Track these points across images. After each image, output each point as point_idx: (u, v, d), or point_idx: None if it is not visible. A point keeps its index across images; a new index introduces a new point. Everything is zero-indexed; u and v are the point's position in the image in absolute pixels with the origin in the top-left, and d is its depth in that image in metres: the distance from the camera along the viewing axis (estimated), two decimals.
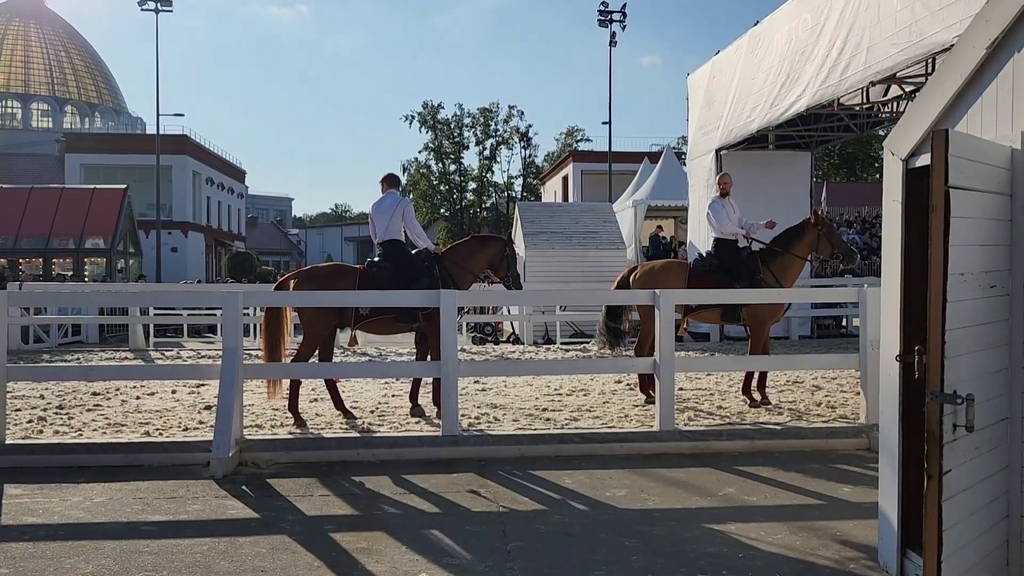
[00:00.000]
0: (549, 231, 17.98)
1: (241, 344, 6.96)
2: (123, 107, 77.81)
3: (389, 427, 7.60)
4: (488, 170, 60.32)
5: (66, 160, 45.33)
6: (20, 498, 5.49)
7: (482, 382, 10.41)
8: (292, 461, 6.51)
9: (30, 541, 4.62)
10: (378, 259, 8.29)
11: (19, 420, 7.81)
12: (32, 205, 27.83)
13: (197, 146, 48.50)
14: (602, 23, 37.22)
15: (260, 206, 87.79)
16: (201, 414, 8.33)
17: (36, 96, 70.72)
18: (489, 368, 10.83)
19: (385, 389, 10.03)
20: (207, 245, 49.49)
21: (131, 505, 5.35)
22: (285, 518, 5.12)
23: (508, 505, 5.40)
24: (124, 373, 9.63)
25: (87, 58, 76.32)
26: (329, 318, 7.87)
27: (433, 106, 58.46)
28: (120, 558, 4.37)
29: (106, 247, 27.63)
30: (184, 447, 6.59)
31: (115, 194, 28.99)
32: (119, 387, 10.03)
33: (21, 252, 27.15)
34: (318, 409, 8.50)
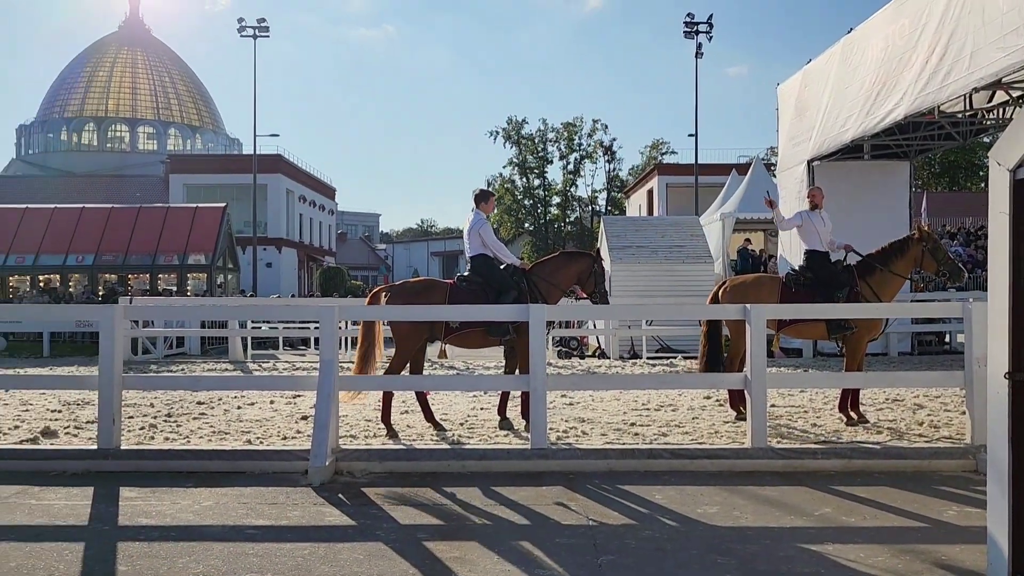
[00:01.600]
0: (635, 245, 17.87)
1: (337, 356, 7.19)
2: (222, 128, 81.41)
3: (478, 439, 7.71)
4: (572, 184, 60.38)
5: (170, 181, 47.67)
6: (135, 500, 5.81)
7: (570, 396, 10.43)
8: (385, 471, 6.67)
9: (145, 541, 4.89)
10: (467, 274, 8.47)
11: (132, 427, 8.27)
12: (140, 224, 29.39)
13: (290, 165, 50.25)
14: (688, 34, 36.86)
15: (349, 222, 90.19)
16: (298, 424, 8.63)
17: (143, 120, 74.73)
18: (577, 382, 10.83)
19: (474, 402, 10.16)
20: (299, 260, 51.13)
21: (236, 509, 5.60)
22: (380, 526, 5.26)
23: (598, 519, 5.40)
24: (228, 384, 10.05)
25: (189, 83, 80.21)
26: (420, 332, 8.06)
27: (517, 121, 59.00)
28: (228, 559, 4.58)
29: (207, 263, 28.89)
30: (283, 455, 6.84)
31: (215, 212, 30.34)
32: (221, 397, 10.48)
33: (130, 268, 28.67)
34: (409, 421, 8.69)
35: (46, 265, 28.52)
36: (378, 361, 8.39)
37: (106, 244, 28.65)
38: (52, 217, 29.56)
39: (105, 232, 28.89)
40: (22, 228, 29.06)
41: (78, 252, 28.52)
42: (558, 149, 59.85)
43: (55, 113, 74.68)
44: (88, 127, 73.83)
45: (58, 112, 74.56)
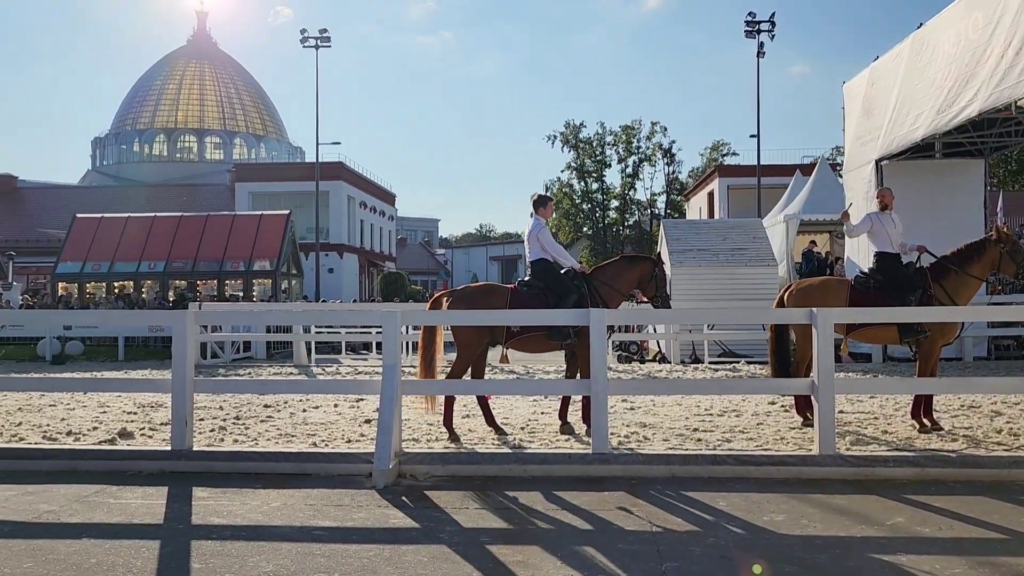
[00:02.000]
0: (695, 248, 17.67)
1: (400, 361, 7.28)
2: (285, 137, 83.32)
3: (539, 444, 7.71)
4: (631, 188, 60.06)
5: (236, 189, 48.94)
6: (206, 500, 5.97)
7: (630, 401, 10.36)
8: (447, 474, 6.72)
9: (217, 540, 5.02)
10: (528, 278, 8.49)
11: (203, 429, 8.50)
12: (208, 231, 30.31)
13: (351, 172, 51.10)
14: (749, 34, 36.32)
15: (408, 227, 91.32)
16: (362, 427, 8.76)
17: (210, 130, 77.00)
18: (638, 387, 10.75)
19: (534, 406, 10.17)
20: (360, 266, 51.94)
21: (303, 511, 5.70)
22: (443, 529, 5.30)
23: (661, 525, 5.35)
24: (294, 388, 10.27)
25: (253, 93, 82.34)
26: (482, 336, 8.11)
27: (575, 125, 58.97)
28: (296, 559, 4.67)
29: (271, 269, 29.61)
30: (348, 458, 6.95)
31: (279, 219, 31.08)
32: (287, 400, 10.70)
33: (198, 274, 29.56)
34: (470, 425, 8.74)
35: (120, 272, 29.61)
36: (440, 366, 8.46)
37: (176, 251, 29.62)
38: (126, 226, 30.68)
39: (175, 240, 29.88)
40: (98, 237, 30.24)
41: (150, 259, 29.54)
42: (616, 152, 59.65)
43: (128, 126, 77.46)
44: (159, 138, 76.38)
45: (130, 125, 77.32)
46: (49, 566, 4.55)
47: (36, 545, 4.92)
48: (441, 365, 8.52)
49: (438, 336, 8.27)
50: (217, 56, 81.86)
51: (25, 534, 5.15)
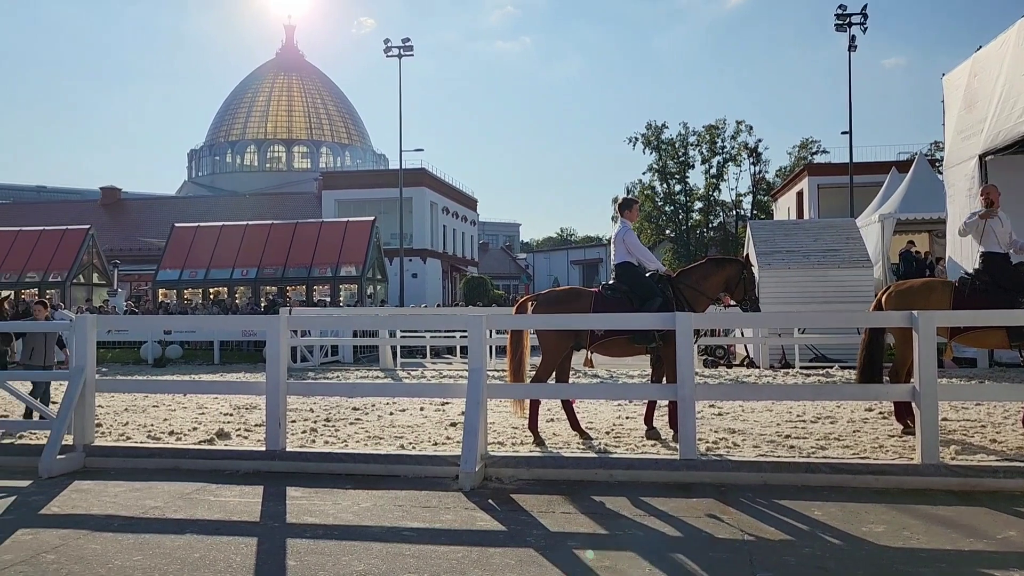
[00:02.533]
0: (784, 250, 17.18)
1: (485, 365, 7.32)
2: (369, 145, 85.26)
3: (625, 449, 7.63)
4: (715, 189, 58.95)
5: (323, 197, 50.26)
6: (299, 500, 6.14)
7: (718, 406, 10.15)
8: (533, 478, 6.72)
9: (311, 539, 5.15)
10: (612, 281, 8.44)
11: (295, 430, 8.75)
12: (297, 238, 31.20)
13: (434, 178, 51.82)
14: (839, 27, 35.16)
15: (490, 232, 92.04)
16: (447, 430, 8.85)
17: (297, 140, 79.46)
18: (726, 392, 10.52)
19: (619, 411, 10.08)
20: (443, 271, 52.59)
21: (392, 512, 5.80)
22: (530, 532, 5.29)
23: (753, 533, 5.21)
24: (382, 391, 10.46)
25: (339, 103, 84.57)
26: (566, 340, 8.09)
27: (657, 127, 58.30)
28: (386, 559, 4.75)
29: (357, 274, 30.25)
30: (435, 460, 7.03)
31: (364, 226, 31.75)
32: (375, 403, 10.91)
33: (288, 280, 30.46)
34: (555, 429, 8.72)
35: (215, 279, 30.78)
36: (527, 369, 8.47)
37: (267, 258, 30.58)
38: (220, 234, 31.88)
39: (266, 247, 30.86)
40: (195, 245, 31.52)
41: (243, 266, 30.59)
42: (700, 153, 58.64)
43: (221, 138, 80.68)
44: (250, 149, 79.27)
45: (223, 137, 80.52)
46: (156, 559, 4.75)
47: (144, 539, 5.15)
48: (528, 369, 8.53)
49: (525, 340, 8.29)
50: (304, 68, 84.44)
51: (134, 529, 5.40)
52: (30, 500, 6.20)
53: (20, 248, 31.64)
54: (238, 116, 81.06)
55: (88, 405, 7.66)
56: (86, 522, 5.56)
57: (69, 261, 31.18)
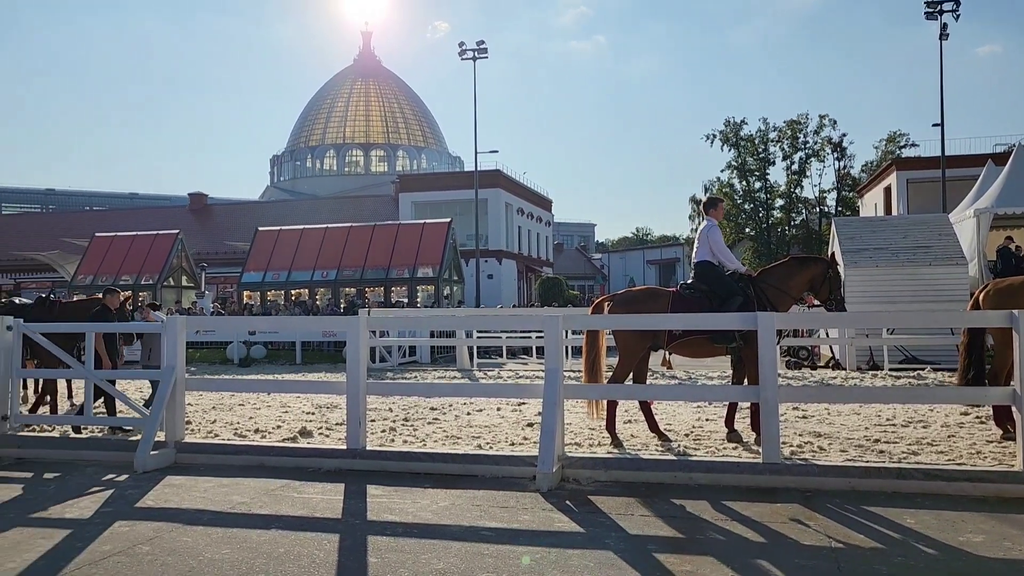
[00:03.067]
0: (872, 247, 16.58)
1: (562, 365, 7.29)
2: (444, 148, 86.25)
3: (705, 451, 7.49)
4: (797, 185, 57.35)
5: (400, 199, 51.01)
6: (380, 498, 6.23)
7: (802, 409, 9.86)
8: (611, 480, 6.66)
9: (391, 536, 5.22)
10: (691, 281, 8.29)
11: (374, 430, 8.90)
12: (375, 241, 31.76)
13: (509, 179, 51.97)
14: (930, 14, 33.74)
15: (565, 232, 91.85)
16: (524, 430, 8.85)
17: (375, 144, 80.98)
18: (812, 394, 10.21)
19: (698, 412, 9.90)
20: (519, 271, 52.70)
21: (470, 511, 5.82)
22: (609, 535, 5.23)
23: (842, 540, 5.03)
24: (459, 391, 10.54)
25: (415, 107, 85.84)
26: (643, 340, 7.98)
27: (736, 123, 57.08)
28: (465, 558, 4.77)
29: (434, 275, 30.60)
30: (512, 461, 7.03)
31: (441, 227, 32.09)
32: (452, 403, 11.01)
33: (367, 282, 31.03)
34: (633, 430, 8.62)
35: (297, 281, 31.59)
36: (604, 370, 8.40)
37: (346, 260, 31.23)
38: (301, 237, 32.71)
39: (345, 249, 31.52)
40: (277, 248, 32.42)
41: (323, 268, 31.31)
42: (781, 149, 57.15)
43: (301, 143, 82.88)
44: (329, 154, 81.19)
45: (303, 142, 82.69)
46: (244, 553, 4.89)
47: (232, 534, 5.31)
48: (604, 369, 8.46)
49: (601, 340, 8.22)
50: (380, 73, 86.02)
51: (222, 523, 5.58)
52: (126, 494, 6.47)
53: (115, 252, 33.15)
54: (317, 122, 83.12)
55: (179, 403, 7.96)
56: (178, 516, 5.77)
57: (160, 264, 32.50)
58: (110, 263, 32.74)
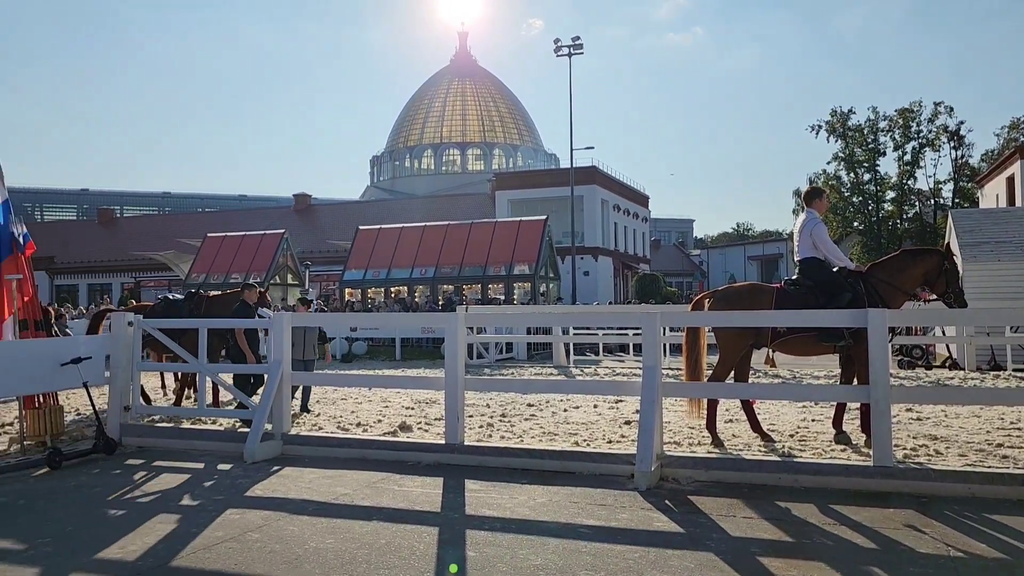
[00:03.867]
0: (993, 241, 15.64)
1: (660, 363, 7.16)
2: (540, 145, 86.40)
3: (811, 453, 7.22)
4: (909, 177, 54.63)
5: (496, 197, 51.38)
6: (477, 493, 6.28)
7: (916, 410, 9.40)
8: (711, 480, 6.51)
9: (488, 531, 5.25)
10: (796, 277, 7.99)
11: (472, 425, 8.98)
12: (472, 239, 32.12)
13: (604, 176, 51.59)
14: None
15: (662, 228, 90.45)
16: (622, 428, 8.76)
17: (471, 143, 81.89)
18: (926, 395, 9.70)
19: (803, 413, 9.57)
20: (615, 268, 52.26)
21: (567, 508, 5.80)
22: (710, 536, 5.11)
23: (962, 549, 4.75)
24: (555, 388, 10.53)
25: (510, 105, 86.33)
26: (745, 338, 7.76)
27: (843, 113, 54.81)
28: (563, 555, 4.75)
29: (530, 273, 30.70)
30: (609, 458, 6.97)
31: (537, 225, 32.16)
32: (549, 400, 11.00)
33: (464, 279, 31.42)
34: (734, 430, 8.41)
35: (396, 278, 32.29)
36: (704, 368, 8.21)
37: (444, 258, 31.71)
38: (400, 236, 33.40)
39: (443, 247, 32.00)
40: (377, 246, 33.22)
41: (422, 266, 31.89)
42: (891, 139, 54.49)
43: (400, 144, 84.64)
44: (427, 154, 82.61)
45: (402, 143, 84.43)
46: (347, 543, 5.02)
47: (335, 524, 5.46)
48: (705, 368, 8.27)
49: (701, 338, 8.04)
50: (476, 72, 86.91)
51: (327, 513, 5.74)
52: (237, 483, 6.75)
53: (226, 251, 34.71)
54: (415, 122, 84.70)
55: (285, 397, 8.24)
56: (285, 505, 5.98)
57: (267, 263, 33.82)
58: (221, 262, 34.29)
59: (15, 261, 8.99)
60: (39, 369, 8.21)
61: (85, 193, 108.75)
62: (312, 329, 10.70)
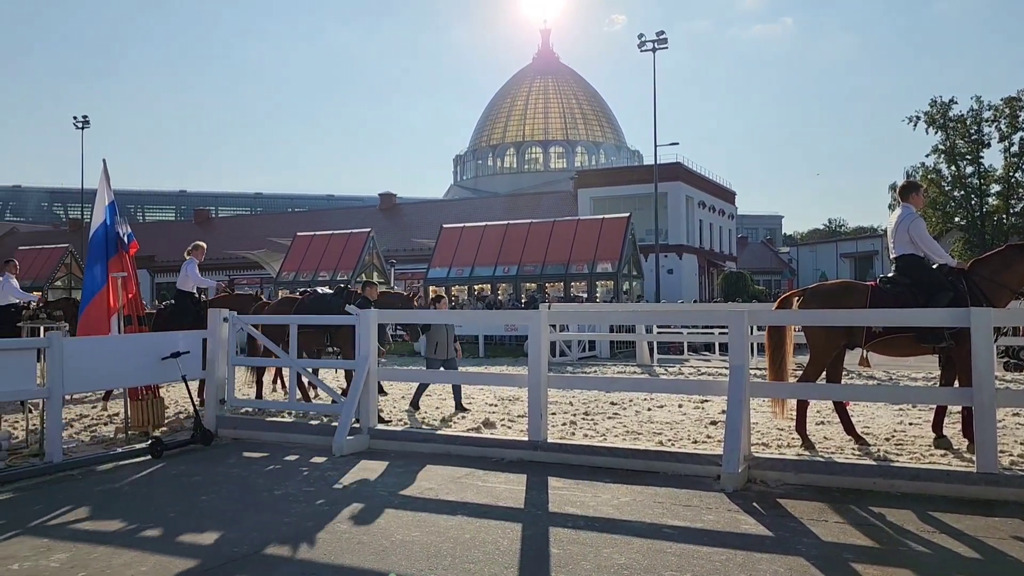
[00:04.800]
0: None
1: (747, 362, 7.00)
2: (623, 142, 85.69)
3: (908, 457, 6.93)
4: (1016, 169, 51.73)
5: (578, 195, 51.21)
6: (561, 490, 6.27)
7: (1023, 415, 8.90)
8: (801, 483, 6.33)
9: (572, 528, 5.24)
10: (892, 275, 7.68)
11: (555, 423, 8.98)
12: (554, 237, 32.09)
13: (689, 172, 50.78)
14: None
15: (749, 225, 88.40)
16: (707, 428, 8.61)
17: (553, 141, 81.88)
18: None
19: (900, 416, 9.21)
20: (699, 266, 51.38)
21: (652, 508, 5.73)
22: (800, 540, 4.97)
23: None
24: (639, 386, 10.41)
25: (592, 102, 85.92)
26: (837, 338, 7.49)
27: (943, 103, 52.31)
28: (647, 555, 4.70)
29: (613, 271, 30.46)
30: (695, 459, 6.85)
31: (620, 223, 31.88)
32: (632, 398, 10.90)
33: (547, 277, 31.42)
34: (825, 432, 8.15)
35: (479, 276, 32.54)
36: (790, 368, 7.99)
37: (527, 256, 31.77)
38: (483, 234, 33.64)
39: (526, 245, 32.07)
40: (461, 244, 33.55)
41: (505, 264, 32.04)
42: (997, 130, 51.69)
43: (482, 142, 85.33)
44: (509, 152, 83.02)
45: (485, 142, 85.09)
46: (432, 536, 5.09)
47: (421, 518, 5.55)
48: (792, 368, 8.04)
49: (788, 337, 7.81)
50: (559, 69, 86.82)
51: (412, 507, 5.84)
52: (326, 475, 6.93)
53: (314, 250, 35.65)
54: (498, 121, 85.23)
55: (371, 392, 8.42)
56: (372, 498, 6.11)
57: (353, 261, 34.57)
58: (310, 260, 35.25)
59: (121, 260, 9.46)
60: (142, 362, 8.62)
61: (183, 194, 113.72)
62: (451, 327, 10.73)
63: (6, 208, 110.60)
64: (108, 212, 9.48)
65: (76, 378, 7.95)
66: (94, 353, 8.29)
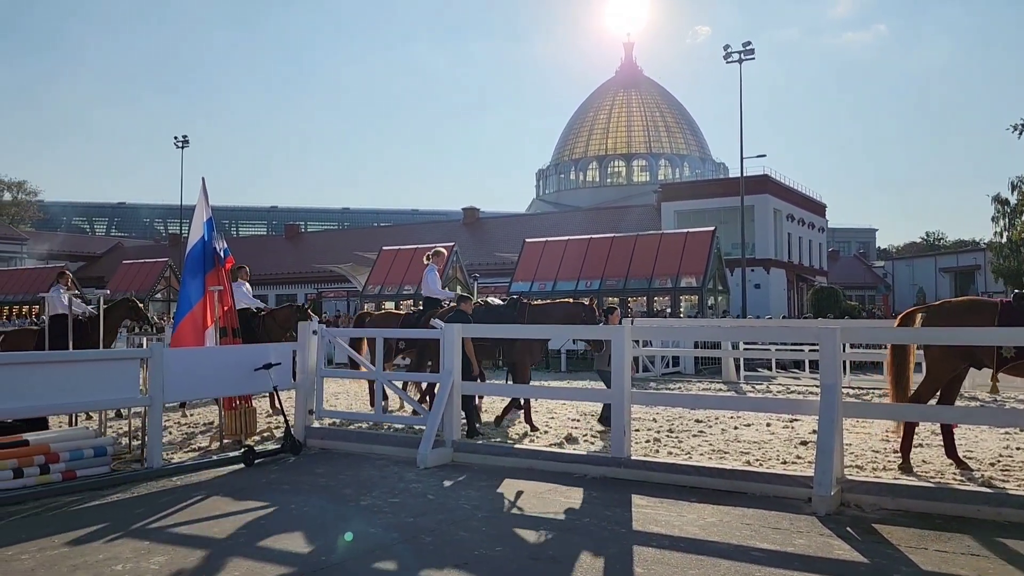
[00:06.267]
0: None
1: (840, 381, 6.76)
2: (708, 155, 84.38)
3: (1016, 484, 6.56)
4: None
5: (662, 208, 50.62)
6: (644, 508, 6.17)
7: None
8: (898, 508, 6.05)
9: (656, 548, 5.14)
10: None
11: (638, 439, 8.85)
12: (637, 251, 31.79)
13: (777, 184, 49.56)
14: None
15: (841, 239, 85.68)
16: (797, 448, 8.34)
17: (636, 154, 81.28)
18: None
19: (1006, 439, 8.72)
20: (788, 281, 49.99)
21: (739, 529, 5.58)
22: (898, 567, 4.76)
23: None
24: (725, 404, 10.17)
25: (676, 114, 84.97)
26: (957, 358, 7.12)
27: None
28: None
29: (698, 285, 29.95)
30: (784, 480, 6.65)
31: (704, 236, 31.34)
32: (718, 416, 10.66)
33: (629, 292, 31.12)
34: (924, 455, 7.78)
35: (562, 290, 32.46)
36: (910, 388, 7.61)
37: (609, 270, 31.56)
38: (566, 248, 33.61)
39: (608, 259, 31.88)
40: (543, 259, 33.60)
41: (587, 278, 31.90)
42: None
43: (565, 157, 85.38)
44: (591, 166, 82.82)
45: (567, 156, 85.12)
46: (514, 552, 5.09)
47: (504, 532, 5.55)
48: (911, 387, 7.66)
49: (910, 356, 7.50)
50: (642, 82, 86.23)
51: (495, 521, 5.83)
52: (411, 487, 7.01)
53: (399, 264, 36.30)
54: (580, 135, 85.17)
55: (455, 405, 8.49)
56: (455, 511, 6.14)
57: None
58: (395, 274, 35.90)
59: (217, 274, 9.84)
60: (236, 373, 8.92)
61: (274, 210, 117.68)
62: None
63: (112, 224, 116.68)
64: (207, 228, 9.87)
65: (176, 387, 8.30)
66: (192, 364, 8.63)
